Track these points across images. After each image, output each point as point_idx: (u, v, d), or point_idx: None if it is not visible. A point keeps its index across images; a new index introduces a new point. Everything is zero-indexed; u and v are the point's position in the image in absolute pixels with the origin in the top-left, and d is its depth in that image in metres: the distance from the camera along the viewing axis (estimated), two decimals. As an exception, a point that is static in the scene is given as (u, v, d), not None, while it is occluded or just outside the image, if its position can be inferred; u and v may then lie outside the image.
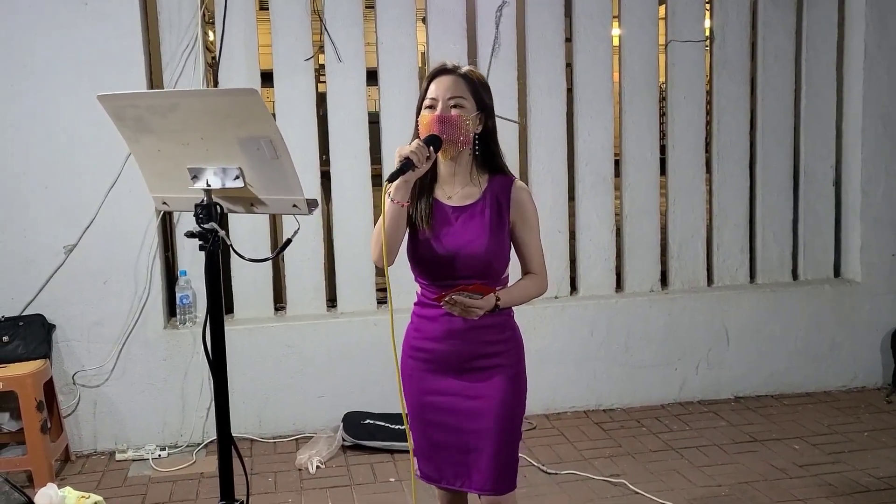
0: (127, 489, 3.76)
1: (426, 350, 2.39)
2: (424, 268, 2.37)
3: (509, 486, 2.38)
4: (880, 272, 4.79)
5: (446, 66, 2.33)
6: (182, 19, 4.05)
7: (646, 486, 3.62)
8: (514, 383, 2.38)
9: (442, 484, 2.45)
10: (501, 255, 2.34)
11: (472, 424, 2.35)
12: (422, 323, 2.42)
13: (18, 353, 3.89)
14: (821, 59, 4.72)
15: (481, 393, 2.34)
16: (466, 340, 2.34)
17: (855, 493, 3.52)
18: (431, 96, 2.30)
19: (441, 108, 2.27)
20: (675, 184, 4.65)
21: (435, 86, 2.30)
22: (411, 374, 2.42)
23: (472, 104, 2.30)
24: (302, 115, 4.23)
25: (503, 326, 2.39)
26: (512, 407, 2.38)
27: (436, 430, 2.40)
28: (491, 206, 2.33)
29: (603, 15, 4.48)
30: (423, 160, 2.21)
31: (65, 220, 4.03)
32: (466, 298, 2.21)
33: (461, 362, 2.36)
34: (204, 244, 2.18)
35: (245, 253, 2.36)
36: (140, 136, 2.20)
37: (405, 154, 2.20)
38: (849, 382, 4.81)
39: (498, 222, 2.32)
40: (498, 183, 2.36)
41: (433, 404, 2.39)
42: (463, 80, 2.30)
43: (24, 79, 3.94)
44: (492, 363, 2.36)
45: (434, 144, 2.25)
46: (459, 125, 2.27)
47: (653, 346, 4.60)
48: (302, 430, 4.29)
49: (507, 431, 2.35)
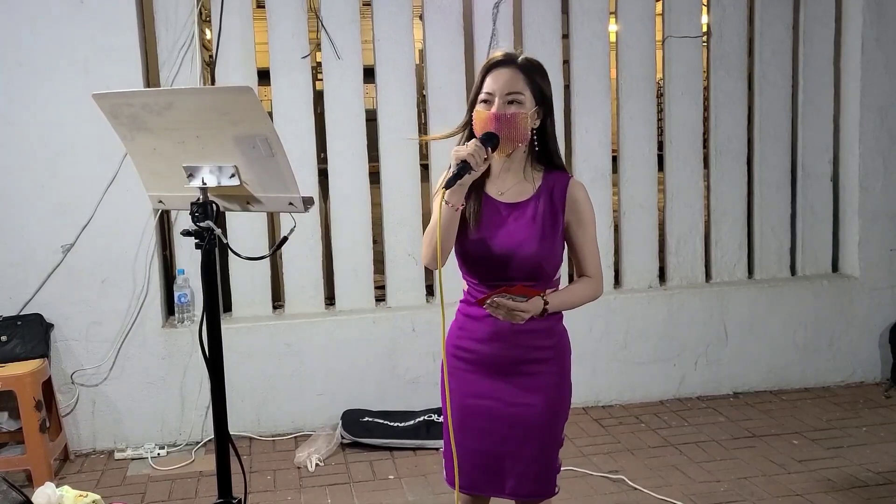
0: (126, 488, 3.76)
1: (469, 350, 2.29)
2: (472, 266, 2.25)
3: (548, 492, 2.31)
4: (878, 267, 4.79)
5: (503, 57, 2.20)
6: (178, 17, 4.05)
7: (645, 482, 3.62)
8: (557, 390, 2.29)
9: (471, 491, 2.34)
10: (553, 256, 2.23)
11: (511, 431, 2.25)
12: (467, 322, 2.30)
13: (17, 352, 3.88)
14: (818, 55, 4.72)
15: (524, 400, 2.24)
16: (511, 344, 2.24)
17: (854, 488, 3.52)
18: (488, 90, 2.17)
19: (498, 104, 2.15)
20: (672, 180, 4.65)
21: (491, 79, 2.18)
22: (453, 373, 2.31)
23: (530, 99, 2.18)
24: (299, 113, 4.23)
25: (550, 331, 2.28)
26: (554, 415, 2.28)
27: (474, 435, 2.28)
28: (545, 205, 2.21)
29: (600, 11, 4.48)
30: (480, 162, 2.09)
31: (62, 219, 4.02)
32: (510, 301, 2.11)
33: (505, 366, 2.25)
34: (200, 242, 2.17)
35: (243, 251, 2.36)
36: (136, 135, 2.20)
37: (462, 157, 2.07)
38: (847, 378, 4.81)
39: (552, 222, 2.21)
40: (553, 180, 2.24)
41: (474, 408, 2.27)
42: (521, 72, 2.17)
43: (19, 77, 3.93)
44: (537, 369, 2.26)
45: (492, 143, 2.13)
46: (517, 123, 2.15)
47: (651, 343, 4.60)
48: (301, 428, 4.29)
49: (547, 439, 2.27)
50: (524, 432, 2.25)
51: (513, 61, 2.20)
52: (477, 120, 2.19)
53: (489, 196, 2.24)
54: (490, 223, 2.22)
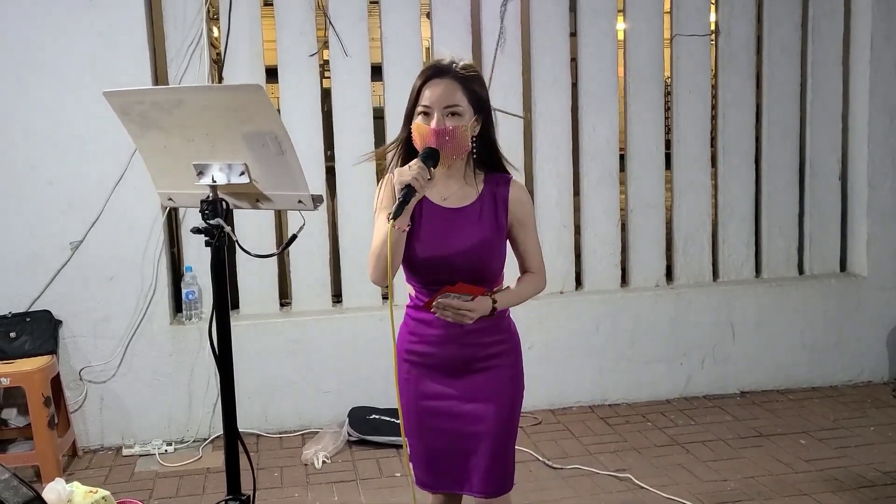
0: (134, 484, 3.78)
1: (422, 354, 2.31)
2: (417, 272, 2.27)
3: (508, 487, 2.34)
4: (887, 266, 4.77)
5: (439, 67, 2.19)
6: (187, 15, 4.06)
7: (651, 480, 3.62)
8: (512, 384, 2.32)
9: (438, 489, 2.39)
10: (499, 256, 2.27)
11: (471, 427, 2.28)
12: (417, 326, 2.32)
13: (26, 348, 3.90)
14: (827, 53, 4.70)
15: (480, 395, 2.28)
16: (464, 344, 2.26)
17: (861, 488, 3.51)
18: (425, 103, 2.17)
19: (436, 119, 2.14)
20: (680, 178, 4.64)
21: (429, 91, 2.17)
22: (407, 378, 2.33)
23: (468, 110, 2.18)
24: (307, 111, 4.23)
25: (499, 327, 2.31)
26: (510, 408, 2.31)
27: (434, 436, 2.31)
28: (489, 207, 2.24)
29: (608, 9, 4.47)
30: (424, 184, 2.11)
31: (71, 216, 4.04)
32: (455, 301, 2.14)
33: (459, 366, 2.28)
34: (210, 240, 2.18)
35: (251, 249, 2.36)
36: (145, 133, 2.20)
37: (406, 181, 2.09)
38: (855, 377, 4.80)
39: (496, 224, 2.25)
40: (494, 182, 2.27)
41: (431, 409, 2.30)
42: (458, 82, 2.17)
43: (29, 75, 3.95)
44: (490, 364, 2.29)
45: (433, 160, 2.14)
46: (458, 136, 2.16)
47: (658, 341, 4.59)
48: (308, 426, 4.30)
49: (506, 433, 2.30)
50: (481, 427, 2.28)
51: (449, 71, 2.19)
52: (417, 134, 2.19)
53: (431, 202, 2.25)
54: (435, 229, 2.23)
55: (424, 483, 2.39)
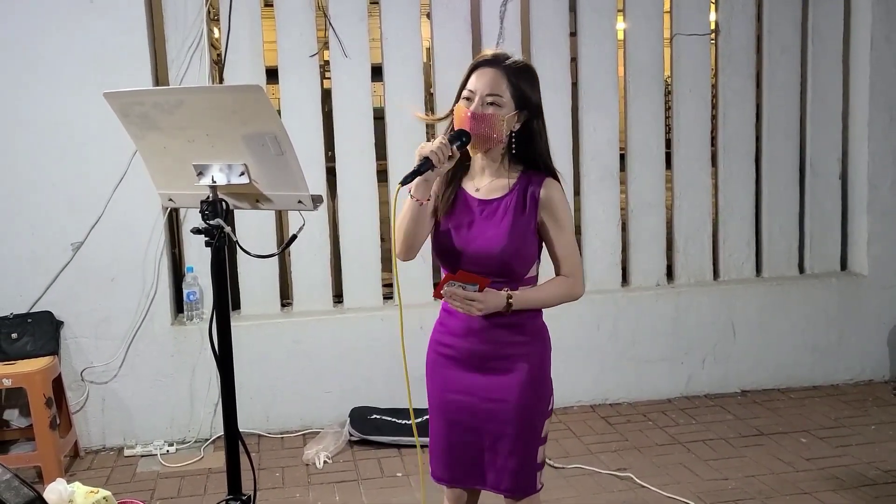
0: (135, 484, 3.78)
1: (448, 345, 2.33)
2: (443, 258, 2.28)
3: (528, 489, 2.32)
4: (887, 265, 4.77)
5: (490, 57, 2.23)
6: (187, 16, 4.06)
7: (652, 479, 3.62)
8: (533, 386, 2.28)
9: (453, 484, 2.39)
10: (521, 255, 2.23)
11: (488, 426, 2.28)
12: (445, 318, 2.35)
13: (27, 349, 3.91)
14: (827, 52, 4.70)
15: (499, 395, 2.27)
16: (484, 339, 2.26)
17: (862, 487, 3.51)
18: (470, 88, 2.20)
19: (476, 104, 2.18)
20: (680, 178, 4.64)
21: (475, 78, 2.20)
22: (434, 368, 2.37)
23: (510, 102, 2.19)
24: (307, 112, 4.24)
25: (524, 328, 2.28)
26: (530, 410, 2.29)
27: (454, 430, 2.32)
28: (516, 203, 2.23)
29: (608, 9, 4.47)
30: (443, 160, 2.13)
31: (72, 217, 4.04)
32: (459, 290, 2.14)
33: (481, 361, 2.28)
34: (210, 240, 2.19)
35: (251, 249, 2.37)
36: (146, 133, 2.21)
37: (425, 153, 2.12)
38: (856, 376, 4.80)
39: (521, 220, 2.22)
40: (529, 179, 2.25)
41: (455, 403, 2.32)
42: (505, 74, 2.19)
43: (30, 76, 3.95)
44: (508, 365, 2.27)
45: (460, 140, 2.17)
46: (491, 124, 2.17)
47: (659, 341, 4.59)
48: (309, 426, 4.30)
49: (523, 435, 2.28)
50: (498, 427, 2.28)
51: (499, 62, 2.21)
52: (456, 115, 2.24)
53: (465, 192, 2.29)
54: (463, 218, 2.26)
55: (440, 477, 2.40)
